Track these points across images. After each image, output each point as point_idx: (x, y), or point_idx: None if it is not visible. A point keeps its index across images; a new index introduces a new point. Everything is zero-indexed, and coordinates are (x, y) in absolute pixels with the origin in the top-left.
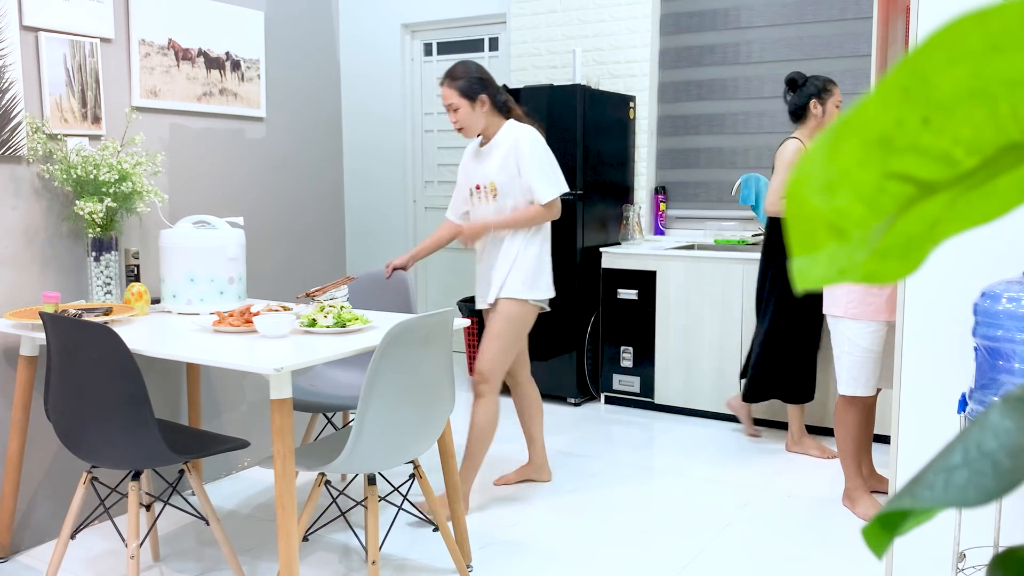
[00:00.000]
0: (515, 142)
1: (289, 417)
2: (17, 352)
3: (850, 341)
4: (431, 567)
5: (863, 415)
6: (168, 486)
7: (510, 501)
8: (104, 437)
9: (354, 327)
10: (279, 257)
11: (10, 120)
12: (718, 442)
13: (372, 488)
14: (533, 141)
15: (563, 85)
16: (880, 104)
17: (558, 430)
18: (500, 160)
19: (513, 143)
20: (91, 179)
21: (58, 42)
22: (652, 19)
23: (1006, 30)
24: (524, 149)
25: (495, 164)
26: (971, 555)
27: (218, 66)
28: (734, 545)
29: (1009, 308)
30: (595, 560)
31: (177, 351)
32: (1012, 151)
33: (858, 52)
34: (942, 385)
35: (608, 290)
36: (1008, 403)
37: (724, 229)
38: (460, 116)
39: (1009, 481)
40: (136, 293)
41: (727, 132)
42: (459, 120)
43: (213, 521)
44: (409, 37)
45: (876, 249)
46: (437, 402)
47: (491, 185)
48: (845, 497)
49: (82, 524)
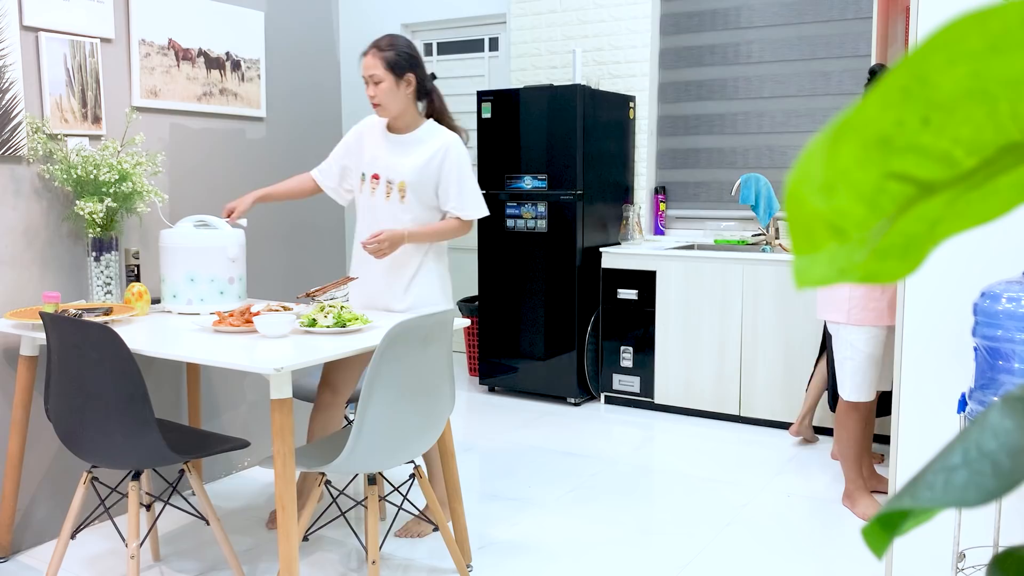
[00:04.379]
0: (444, 148)
1: (289, 417)
2: (17, 352)
3: (852, 347)
4: (431, 567)
5: (864, 419)
6: (168, 486)
7: (510, 501)
8: (104, 437)
9: (354, 327)
10: (279, 257)
11: (10, 120)
12: (718, 442)
13: (372, 488)
14: (464, 154)
15: (563, 85)
16: (880, 104)
17: (558, 430)
18: (421, 161)
19: (442, 148)
20: (91, 179)
21: (58, 42)
22: (652, 19)
23: (1006, 30)
24: (454, 159)
25: (413, 163)
26: (971, 555)
27: (218, 66)
28: (734, 545)
29: (1009, 308)
30: (595, 560)
31: (177, 351)
32: (1012, 151)
33: (858, 52)
34: (942, 385)
35: (608, 290)
36: (1008, 403)
37: (724, 229)
38: (380, 91)
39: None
40: (136, 293)
41: (727, 132)
42: (378, 95)
43: (213, 521)
44: (409, 37)
45: (876, 249)
46: (437, 402)
47: (401, 184)
48: (845, 497)
49: (82, 524)
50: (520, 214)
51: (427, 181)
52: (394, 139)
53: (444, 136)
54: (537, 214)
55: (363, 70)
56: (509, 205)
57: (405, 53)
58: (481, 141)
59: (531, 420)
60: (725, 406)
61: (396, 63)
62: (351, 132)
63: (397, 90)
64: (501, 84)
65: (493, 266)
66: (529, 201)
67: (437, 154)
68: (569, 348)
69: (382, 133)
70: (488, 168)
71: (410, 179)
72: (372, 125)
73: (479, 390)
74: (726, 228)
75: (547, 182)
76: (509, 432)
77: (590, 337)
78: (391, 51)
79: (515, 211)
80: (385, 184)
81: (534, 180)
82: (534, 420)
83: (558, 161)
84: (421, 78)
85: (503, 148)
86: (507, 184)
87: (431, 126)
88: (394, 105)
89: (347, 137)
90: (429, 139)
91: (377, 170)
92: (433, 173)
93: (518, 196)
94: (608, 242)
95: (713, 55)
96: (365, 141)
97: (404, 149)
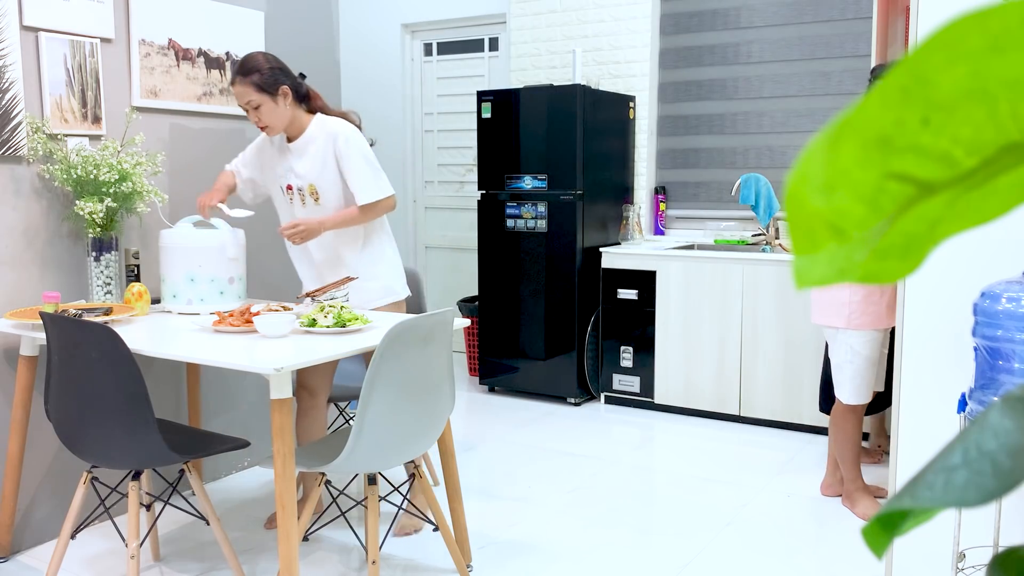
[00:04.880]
0: (331, 138)
1: (289, 417)
2: (17, 352)
3: (851, 350)
4: (431, 567)
5: (860, 420)
6: (168, 486)
7: (510, 501)
8: (104, 437)
9: (354, 327)
10: (279, 257)
11: (10, 120)
12: (718, 442)
13: (372, 488)
14: (350, 137)
15: (563, 85)
16: (880, 104)
17: (558, 430)
18: (316, 159)
19: (328, 139)
20: (91, 179)
21: (58, 42)
22: (652, 19)
23: (1006, 30)
24: (342, 146)
25: (310, 164)
26: (971, 555)
27: (218, 66)
28: (734, 545)
29: (1009, 308)
30: (595, 560)
31: (177, 351)
32: (1012, 151)
33: (858, 52)
34: (942, 385)
35: (608, 290)
36: (1008, 403)
37: (724, 229)
38: (263, 114)
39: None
40: (136, 293)
41: (727, 132)
42: (262, 119)
43: (213, 521)
44: (409, 37)
45: (876, 249)
46: (437, 402)
47: (311, 188)
48: (845, 498)
49: (82, 524)
50: (520, 214)
51: (330, 175)
52: (291, 147)
53: (328, 126)
54: (537, 214)
55: (237, 100)
56: (509, 205)
57: (269, 69)
58: (481, 141)
59: (531, 420)
60: (725, 406)
61: (265, 83)
62: (251, 148)
63: (277, 107)
64: (501, 84)
65: (493, 266)
66: (529, 201)
67: (327, 146)
68: (569, 348)
69: (279, 144)
70: (488, 168)
71: (316, 179)
72: (267, 139)
73: (479, 390)
74: (726, 228)
75: (547, 182)
76: (509, 432)
77: (590, 337)
78: (256, 74)
79: (515, 211)
80: (297, 192)
81: (534, 180)
82: (534, 420)
83: (558, 161)
84: (294, 85)
85: (503, 148)
86: (507, 184)
87: (319, 121)
88: (280, 122)
89: (247, 153)
90: (317, 136)
91: (288, 181)
92: (332, 166)
93: (518, 196)
94: (608, 242)
95: (713, 55)
96: (265, 154)
97: (301, 153)
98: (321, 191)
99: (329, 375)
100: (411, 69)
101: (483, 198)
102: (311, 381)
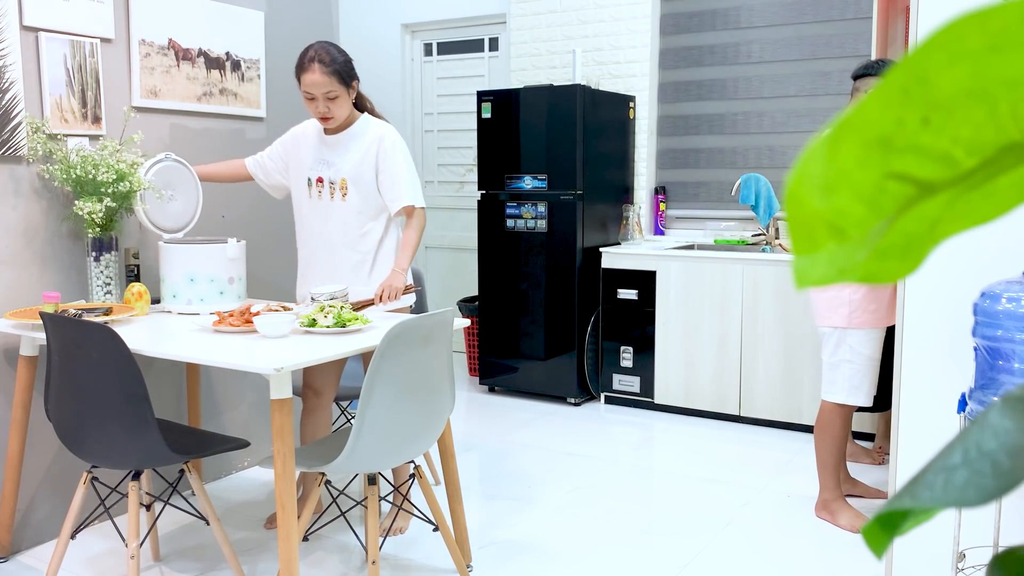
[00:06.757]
0: (379, 139)
1: (289, 417)
2: (17, 352)
3: (852, 350)
4: (431, 567)
5: (848, 422)
6: (168, 486)
7: (510, 501)
8: (104, 437)
9: (354, 327)
10: (279, 257)
11: (10, 120)
12: (718, 442)
13: (372, 488)
14: (396, 141)
15: (563, 85)
16: (880, 104)
17: (558, 430)
18: (357, 155)
19: (376, 139)
20: (91, 179)
21: (58, 42)
22: (652, 19)
23: (1006, 30)
24: (388, 149)
25: (352, 158)
26: (971, 555)
27: (218, 66)
28: (734, 545)
29: (1009, 308)
30: (595, 560)
31: (177, 351)
32: (1012, 151)
33: (858, 52)
34: (942, 385)
35: (608, 290)
36: (1008, 403)
37: (724, 229)
38: (337, 104)
39: (1009, 481)
40: (136, 293)
41: (727, 132)
42: (332, 109)
43: (213, 521)
44: (409, 37)
45: (876, 249)
46: (437, 402)
47: (342, 182)
48: (822, 508)
49: (82, 524)
50: (520, 214)
51: (366, 174)
52: (331, 139)
53: (377, 127)
54: (537, 214)
55: (311, 88)
56: (509, 205)
57: (345, 61)
58: (481, 141)
59: (531, 420)
60: (725, 406)
61: (346, 74)
62: (288, 136)
63: (348, 100)
64: (501, 84)
65: (493, 266)
66: (529, 201)
67: (373, 145)
68: (569, 348)
69: (318, 136)
70: (488, 168)
71: (350, 174)
72: (307, 129)
73: (479, 390)
74: (726, 228)
75: (547, 182)
76: (509, 432)
77: (590, 337)
78: (336, 64)
79: (515, 211)
80: (328, 185)
81: (534, 180)
82: (534, 420)
83: (558, 161)
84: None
85: (503, 148)
86: (507, 184)
87: (365, 120)
88: (344, 114)
89: (284, 139)
90: (365, 132)
91: (320, 173)
92: (371, 164)
93: (518, 196)
94: (608, 242)
95: (713, 55)
96: (302, 145)
97: (342, 146)
98: (351, 187)
99: (335, 375)
100: (411, 69)
101: (483, 198)
102: (317, 381)
